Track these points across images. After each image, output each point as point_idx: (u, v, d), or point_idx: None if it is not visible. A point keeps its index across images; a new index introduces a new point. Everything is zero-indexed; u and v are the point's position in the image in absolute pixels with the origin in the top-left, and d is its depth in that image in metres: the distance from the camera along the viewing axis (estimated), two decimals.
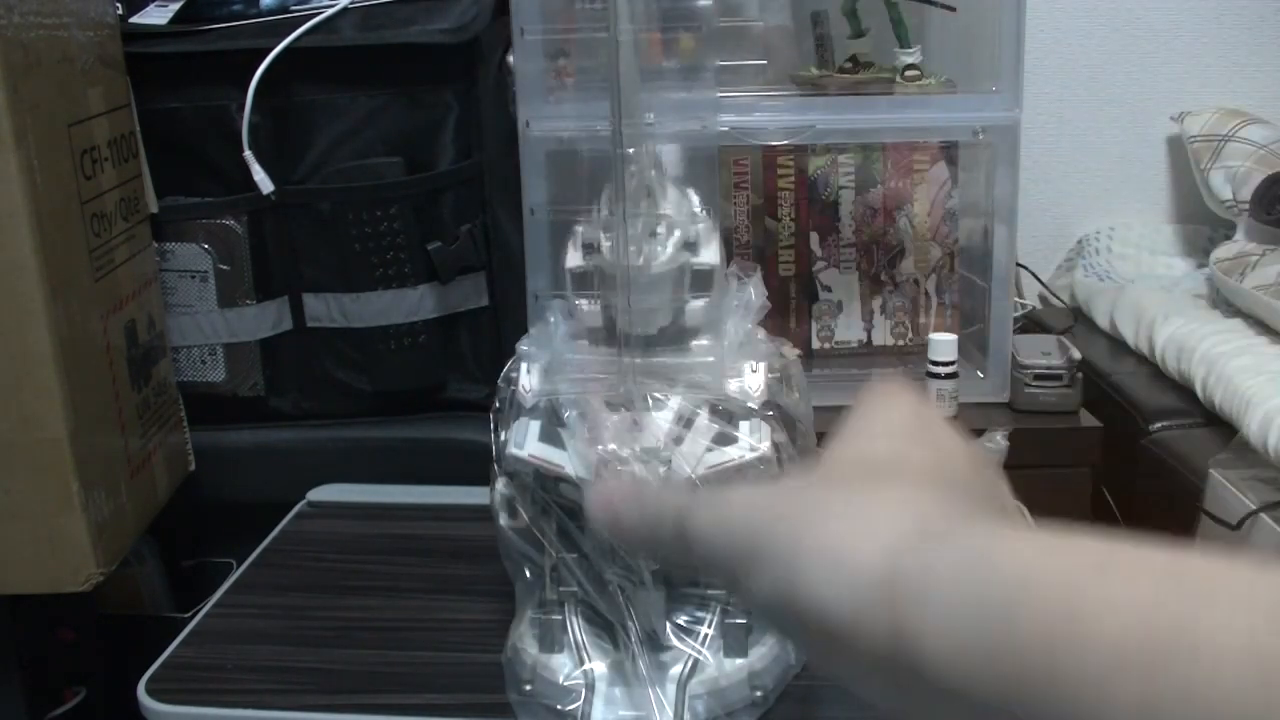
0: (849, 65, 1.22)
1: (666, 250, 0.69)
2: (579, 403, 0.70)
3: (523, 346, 0.75)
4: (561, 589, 0.73)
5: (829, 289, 1.26)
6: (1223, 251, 1.41)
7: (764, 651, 0.74)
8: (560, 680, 0.72)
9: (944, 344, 1.13)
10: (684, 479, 0.67)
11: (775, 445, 0.70)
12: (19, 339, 0.81)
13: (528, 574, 0.74)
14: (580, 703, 0.71)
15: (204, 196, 1.07)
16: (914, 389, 0.37)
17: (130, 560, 1.02)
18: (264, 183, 1.05)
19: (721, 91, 1.06)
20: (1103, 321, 1.44)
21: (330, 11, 1.05)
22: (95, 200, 0.90)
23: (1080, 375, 1.17)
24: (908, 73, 1.18)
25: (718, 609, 0.73)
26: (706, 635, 0.72)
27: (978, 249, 1.23)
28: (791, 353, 0.76)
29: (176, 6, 1.08)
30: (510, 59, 1.10)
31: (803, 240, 1.24)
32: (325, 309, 1.10)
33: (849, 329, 1.27)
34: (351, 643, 0.82)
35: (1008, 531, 0.29)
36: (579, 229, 0.72)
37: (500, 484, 0.73)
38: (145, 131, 1.02)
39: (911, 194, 1.24)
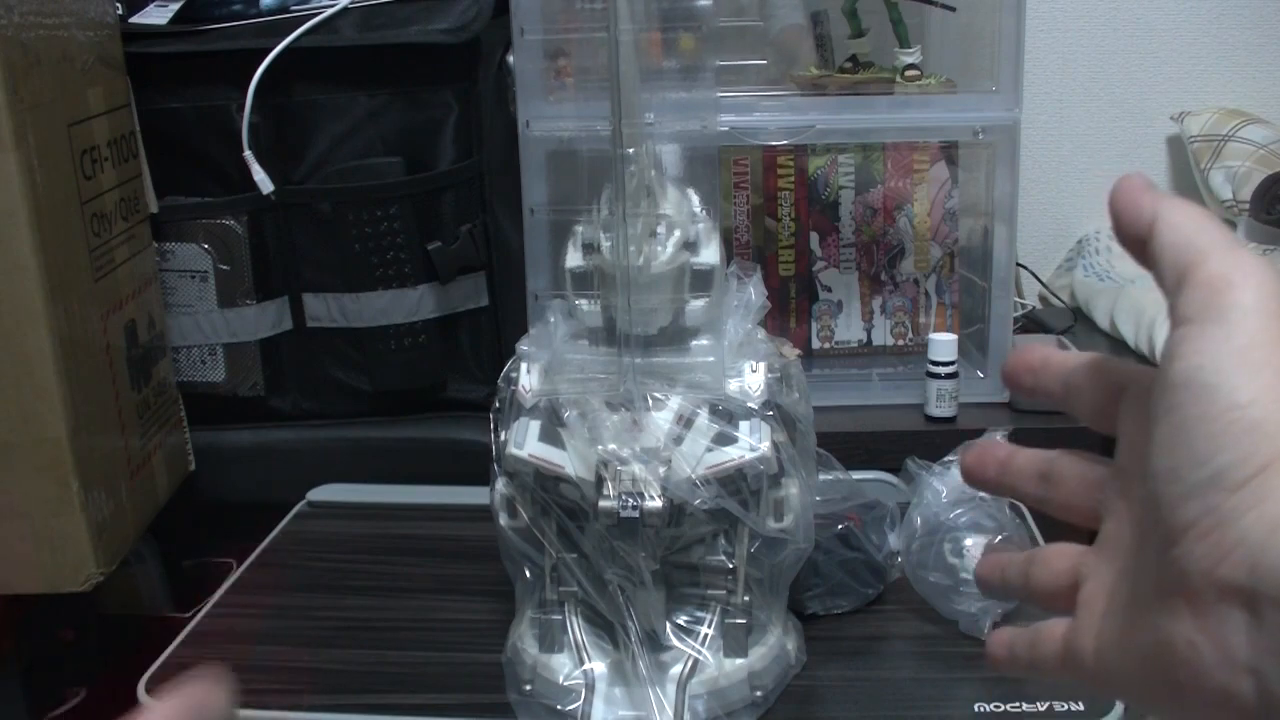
0: (849, 65, 1.21)
1: (666, 250, 0.69)
2: (579, 403, 0.70)
3: (523, 346, 0.75)
4: (561, 589, 0.73)
5: (829, 289, 1.26)
6: None
7: (764, 651, 0.74)
8: (560, 680, 0.72)
9: (944, 344, 1.13)
10: (684, 479, 0.67)
11: (775, 445, 0.70)
12: (19, 339, 0.81)
13: (528, 574, 0.74)
14: (580, 703, 0.71)
15: (204, 196, 1.07)
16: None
17: (130, 560, 1.02)
18: (264, 183, 1.05)
19: (721, 91, 1.06)
20: (1103, 321, 1.44)
21: (330, 11, 1.05)
22: (95, 200, 0.90)
23: None
24: (908, 73, 1.18)
25: (718, 609, 0.73)
26: (706, 635, 0.72)
27: (978, 249, 1.23)
28: (791, 353, 0.76)
29: (176, 6, 1.08)
30: (510, 59, 1.10)
31: (803, 240, 1.24)
32: (325, 309, 1.10)
33: (849, 329, 1.27)
34: (351, 643, 0.82)
35: None
36: (579, 229, 0.72)
37: (500, 484, 0.73)
38: (145, 131, 1.02)
39: (911, 194, 1.24)
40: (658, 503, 0.65)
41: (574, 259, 0.72)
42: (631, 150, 0.66)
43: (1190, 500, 0.29)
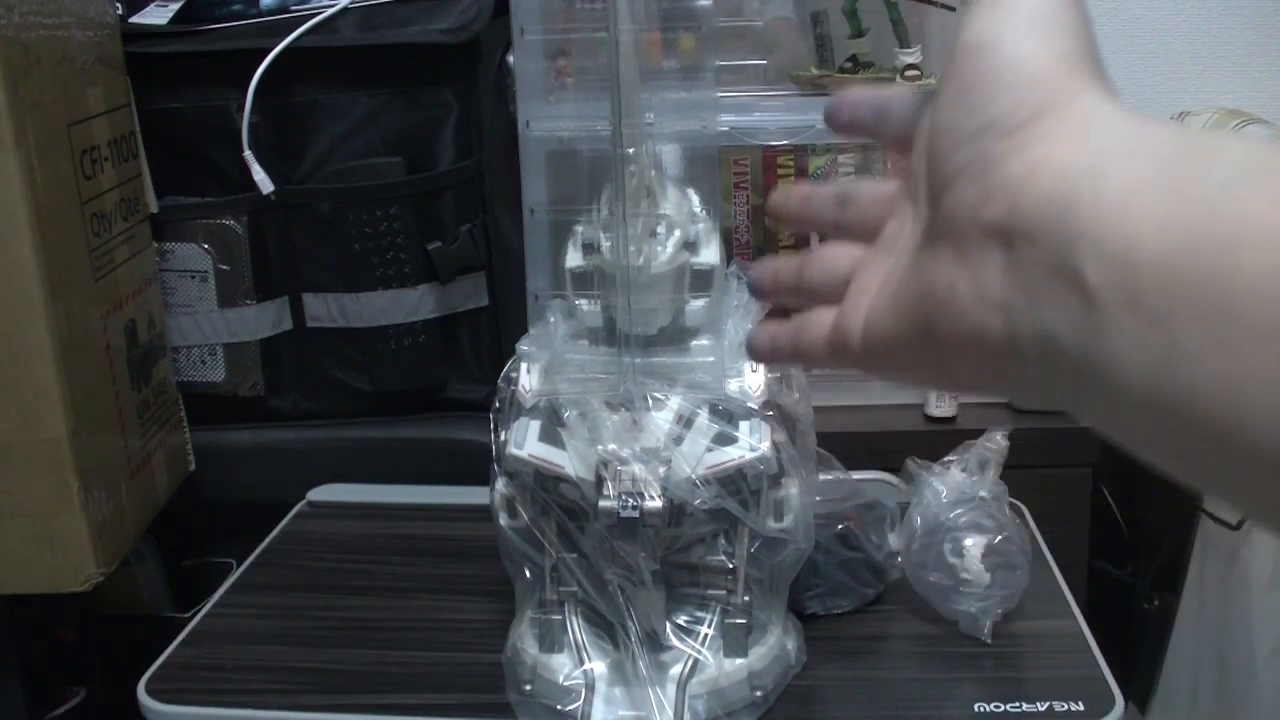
0: (849, 65, 1.21)
1: (666, 250, 0.69)
2: (579, 403, 0.70)
3: (523, 346, 0.75)
4: (561, 589, 0.73)
5: None
6: None
7: (764, 651, 0.74)
8: (560, 680, 0.72)
9: None
10: (684, 479, 0.67)
11: (775, 445, 0.70)
12: (19, 339, 0.81)
13: (528, 574, 0.74)
14: (580, 703, 0.71)
15: (204, 196, 1.07)
16: None
17: (130, 560, 1.02)
18: (264, 183, 1.05)
19: (721, 91, 1.06)
20: None
21: (330, 11, 1.05)
22: (95, 200, 0.90)
23: None
24: (908, 73, 1.18)
25: (718, 609, 0.73)
26: (706, 635, 0.72)
27: None
28: None
29: (176, 6, 1.07)
30: (510, 59, 1.10)
31: (803, 240, 1.24)
32: (325, 309, 1.10)
33: None
34: (351, 643, 0.82)
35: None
36: (579, 229, 0.72)
37: (500, 484, 0.73)
38: (145, 131, 1.02)
39: None
40: (658, 503, 0.65)
41: (574, 259, 0.72)
42: (631, 150, 0.66)
43: (962, 147, 0.31)
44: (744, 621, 0.73)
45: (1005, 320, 0.29)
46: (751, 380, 0.71)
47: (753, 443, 0.69)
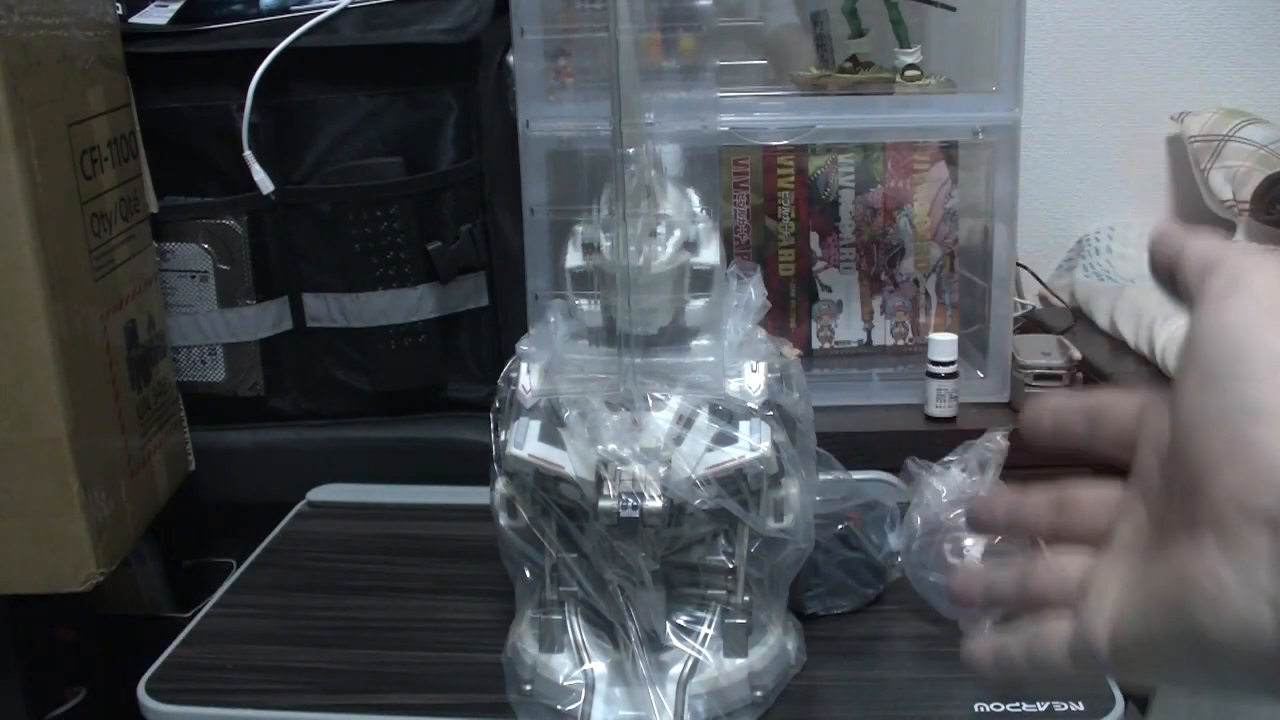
0: (849, 65, 1.21)
1: (666, 250, 0.69)
2: (579, 403, 0.70)
3: (523, 346, 0.75)
4: (561, 589, 0.73)
5: (829, 289, 1.26)
6: None
7: (764, 651, 0.74)
8: (560, 680, 0.72)
9: (944, 344, 1.13)
10: (684, 479, 0.67)
11: (775, 445, 0.70)
12: (19, 339, 0.81)
13: (528, 574, 0.74)
14: (580, 703, 0.71)
15: (204, 196, 1.07)
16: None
17: (130, 560, 1.02)
18: (264, 183, 1.05)
19: (721, 91, 1.06)
20: (1103, 321, 1.44)
21: (330, 11, 1.05)
22: (95, 200, 0.90)
23: (1080, 375, 1.17)
24: (908, 73, 1.18)
25: (718, 609, 0.73)
26: (706, 635, 0.72)
27: (978, 249, 1.23)
28: (791, 353, 0.76)
29: (176, 6, 1.08)
30: (510, 59, 1.10)
31: (803, 240, 1.24)
32: (325, 309, 1.10)
33: (849, 329, 1.27)
34: (351, 643, 0.82)
35: None
36: (579, 229, 0.72)
37: (500, 484, 0.73)
38: (145, 131, 1.02)
39: (911, 194, 1.24)
40: (658, 503, 0.65)
41: (574, 259, 0.72)
42: (631, 150, 0.66)
43: (1219, 431, 0.30)
44: (744, 621, 0.73)
45: (1277, 613, 0.28)
46: (751, 380, 0.71)
47: (753, 443, 0.69)
